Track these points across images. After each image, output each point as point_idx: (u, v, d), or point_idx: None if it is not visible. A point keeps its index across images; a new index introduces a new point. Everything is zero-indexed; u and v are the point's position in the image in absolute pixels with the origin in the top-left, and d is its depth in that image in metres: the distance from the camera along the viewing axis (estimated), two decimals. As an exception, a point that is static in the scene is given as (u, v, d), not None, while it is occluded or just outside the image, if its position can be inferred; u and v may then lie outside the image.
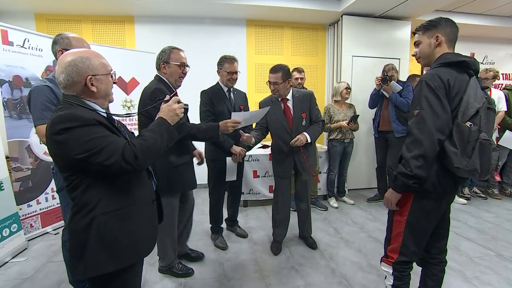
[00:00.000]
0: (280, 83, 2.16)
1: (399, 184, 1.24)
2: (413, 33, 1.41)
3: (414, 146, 1.18)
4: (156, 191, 1.23)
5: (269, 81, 2.20)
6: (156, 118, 1.13)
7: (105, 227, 0.98)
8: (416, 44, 1.37)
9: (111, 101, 1.14)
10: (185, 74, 1.86)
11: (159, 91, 1.65)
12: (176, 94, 1.21)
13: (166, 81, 1.82)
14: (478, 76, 1.28)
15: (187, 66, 1.85)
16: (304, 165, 2.30)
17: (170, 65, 1.79)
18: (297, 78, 3.10)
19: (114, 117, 1.15)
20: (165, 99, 1.19)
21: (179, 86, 1.86)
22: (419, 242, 1.33)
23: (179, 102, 1.18)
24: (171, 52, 1.79)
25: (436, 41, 1.28)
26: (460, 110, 1.17)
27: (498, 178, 3.73)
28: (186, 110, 1.20)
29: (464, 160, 1.16)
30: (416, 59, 1.39)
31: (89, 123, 0.92)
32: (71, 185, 0.98)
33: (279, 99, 2.28)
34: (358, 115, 3.33)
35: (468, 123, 1.15)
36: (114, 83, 1.13)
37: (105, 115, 1.07)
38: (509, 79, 4.10)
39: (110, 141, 0.94)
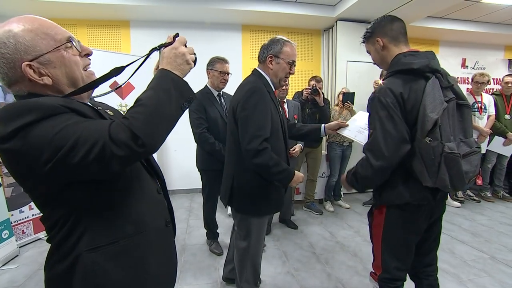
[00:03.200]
0: None
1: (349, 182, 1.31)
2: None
3: (366, 169, 1.17)
4: (169, 208, 0.89)
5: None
6: (157, 72, 0.72)
7: (95, 269, 0.66)
8: (369, 53, 1.34)
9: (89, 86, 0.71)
10: (292, 74, 1.53)
11: (259, 94, 1.37)
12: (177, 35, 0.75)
13: (267, 78, 1.49)
14: (441, 73, 1.14)
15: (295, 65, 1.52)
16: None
17: (280, 61, 1.45)
18: None
19: (105, 105, 0.86)
20: (167, 41, 0.74)
21: (282, 87, 1.55)
22: (398, 257, 1.24)
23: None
24: (284, 45, 1.45)
25: (379, 45, 1.22)
26: (419, 125, 1.08)
27: (479, 182, 3.61)
28: (195, 59, 0.79)
29: (432, 177, 1.08)
30: (378, 66, 1.36)
31: (55, 112, 0.58)
32: (45, 215, 0.68)
33: (279, 100, 2.59)
34: (354, 93, 3.15)
35: (427, 139, 1.06)
36: (86, 55, 0.74)
37: (88, 104, 0.74)
38: (500, 84, 4.19)
39: (88, 125, 0.59)
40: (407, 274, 1.36)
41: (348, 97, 3.21)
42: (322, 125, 1.72)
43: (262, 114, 1.36)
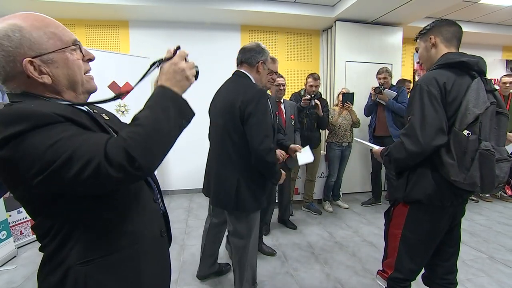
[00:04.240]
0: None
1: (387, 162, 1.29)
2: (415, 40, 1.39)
3: (400, 153, 1.19)
4: (165, 217, 0.87)
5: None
6: (155, 88, 0.69)
7: (87, 282, 0.63)
8: (417, 50, 1.36)
9: (89, 91, 0.73)
10: (274, 80, 1.78)
11: (265, 97, 1.48)
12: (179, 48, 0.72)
13: (253, 81, 1.58)
14: (486, 76, 1.17)
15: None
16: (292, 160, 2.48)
17: (266, 67, 1.62)
18: (311, 86, 3.07)
19: (100, 109, 0.82)
20: (166, 56, 0.71)
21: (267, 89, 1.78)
22: (415, 259, 1.24)
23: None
24: (268, 54, 1.64)
25: (430, 42, 1.25)
26: (458, 117, 1.08)
27: (509, 192, 3.57)
28: (197, 73, 0.75)
29: (462, 172, 1.06)
30: (420, 66, 1.38)
31: (50, 121, 0.56)
32: (36, 223, 0.65)
33: (276, 101, 2.57)
34: (353, 93, 3.24)
35: (465, 132, 1.05)
36: (88, 60, 0.73)
37: (84, 108, 0.71)
38: (497, 84, 4.21)
39: (84, 139, 0.57)
40: (422, 281, 1.37)
41: (347, 98, 3.24)
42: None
43: (268, 117, 1.49)
